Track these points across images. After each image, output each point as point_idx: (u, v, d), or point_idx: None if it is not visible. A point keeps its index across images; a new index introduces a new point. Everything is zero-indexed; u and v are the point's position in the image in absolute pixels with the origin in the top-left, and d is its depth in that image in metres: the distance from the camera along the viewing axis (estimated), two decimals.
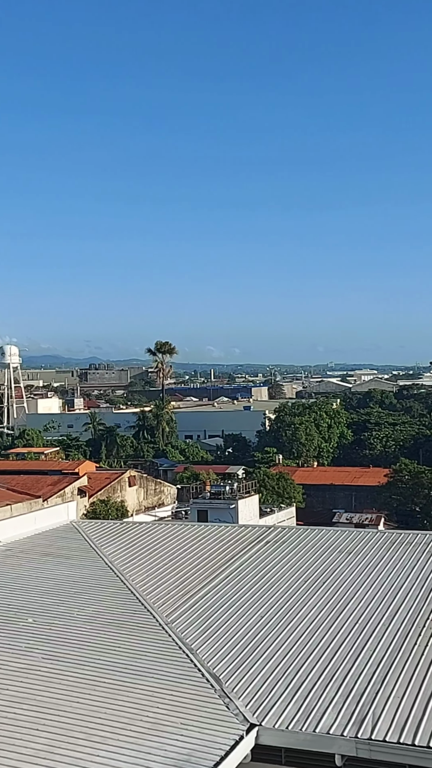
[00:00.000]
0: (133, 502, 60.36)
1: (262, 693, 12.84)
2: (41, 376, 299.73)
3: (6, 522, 24.22)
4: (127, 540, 22.38)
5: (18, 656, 13.66)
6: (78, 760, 10.39)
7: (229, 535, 22.70)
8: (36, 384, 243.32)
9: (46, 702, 11.98)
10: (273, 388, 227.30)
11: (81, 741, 10.86)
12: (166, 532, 23.41)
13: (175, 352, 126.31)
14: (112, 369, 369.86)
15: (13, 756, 10.35)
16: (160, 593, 17.68)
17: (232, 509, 49.76)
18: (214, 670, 13.64)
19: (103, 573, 19.11)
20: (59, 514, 25.02)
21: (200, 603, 17.12)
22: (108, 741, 10.91)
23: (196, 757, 10.64)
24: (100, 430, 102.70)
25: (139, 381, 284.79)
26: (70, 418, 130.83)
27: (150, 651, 14.36)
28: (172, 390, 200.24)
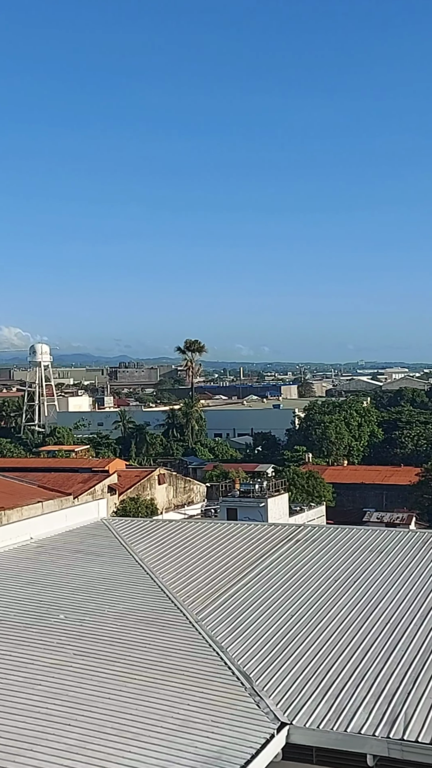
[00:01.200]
0: (162, 499, 60.55)
1: (292, 692, 12.80)
2: (72, 374, 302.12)
3: (38, 519, 24.45)
4: (157, 538, 22.45)
5: (50, 652, 13.77)
6: (110, 756, 10.44)
7: (259, 534, 22.67)
8: (66, 382, 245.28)
9: (78, 698, 12.06)
10: (302, 387, 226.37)
11: (112, 737, 10.91)
12: (196, 530, 23.44)
13: (204, 350, 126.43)
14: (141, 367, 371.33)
15: (46, 751, 10.43)
16: (189, 591, 17.71)
17: (261, 508, 49.66)
18: (244, 668, 13.63)
19: (133, 570, 19.20)
20: (90, 512, 25.20)
21: (230, 601, 17.11)
22: (139, 737, 10.95)
23: (226, 754, 10.63)
24: (129, 428, 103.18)
25: (169, 379, 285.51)
26: (100, 416, 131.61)
27: (180, 648, 14.39)
28: (202, 388, 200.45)
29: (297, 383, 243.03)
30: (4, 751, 10.32)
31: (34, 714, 11.43)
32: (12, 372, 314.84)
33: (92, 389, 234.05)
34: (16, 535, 21.69)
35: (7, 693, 12.06)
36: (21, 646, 14.00)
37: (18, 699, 11.88)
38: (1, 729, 10.89)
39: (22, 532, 22.00)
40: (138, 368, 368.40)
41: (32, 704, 11.73)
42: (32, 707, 11.63)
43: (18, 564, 19.63)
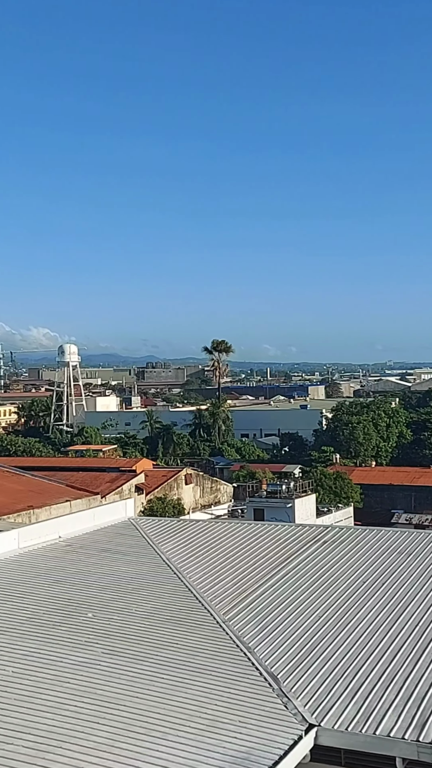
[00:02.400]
0: (189, 499, 60.63)
1: (320, 693, 12.74)
2: (99, 374, 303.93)
3: (66, 518, 24.63)
4: (184, 537, 22.48)
5: (78, 650, 13.86)
6: (138, 754, 10.48)
7: (286, 534, 22.60)
8: (94, 382, 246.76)
9: (107, 696, 12.12)
10: (330, 387, 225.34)
11: (141, 736, 10.95)
12: (223, 530, 23.44)
13: (231, 350, 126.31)
14: (168, 367, 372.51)
15: (75, 749, 10.50)
16: (217, 591, 17.71)
17: (288, 508, 49.50)
18: (271, 669, 13.59)
19: (160, 570, 19.25)
20: (117, 511, 25.31)
21: (257, 602, 17.08)
22: (167, 736, 10.98)
23: (254, 755, 10.62)
24: (156, 428, 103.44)
25: (196, 379, 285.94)
26: (127, 416, 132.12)
27: (207, 648, 14.39)
28: (229, 388, 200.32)
29: (324, 383, 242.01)
30: (35, 748, 10.41)
31: (63, 711, 11.51)
32: (41, 372, 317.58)
33: (120, 389, 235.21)
34: (45, 533, 21.87)
35: (37, 690, 12.15)
36: (50, 643, 14.10)
37: (47, 696, 11.97)
38: (31, 726, 10.99)
39: (51, 531, 22.16)
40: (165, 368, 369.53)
41: (61, 702, 11.81)
42: (61, 704, 11.72)
43: (47, 562, 19.79)
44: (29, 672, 12.81)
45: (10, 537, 20.80)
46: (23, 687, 12.22)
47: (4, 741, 10.51)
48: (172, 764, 10.32)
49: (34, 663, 13.19)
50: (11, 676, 12.61)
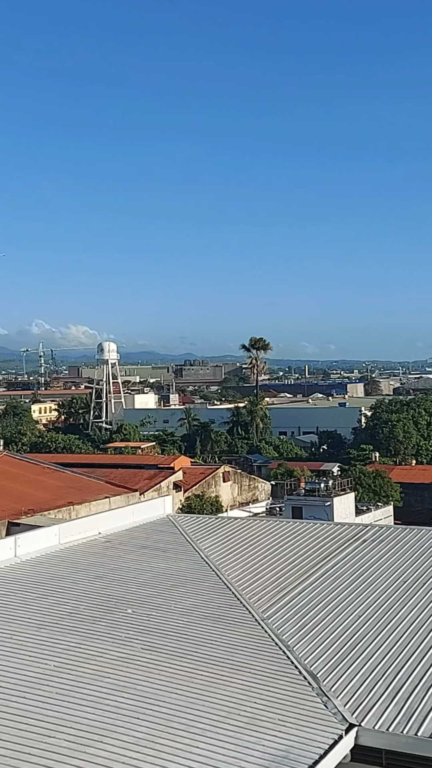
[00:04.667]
0: (227, 497, 60.64)
1: (361, 693, 12.62)
2: (138, 371, 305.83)
3: (105, 514, 24.82)
4: (223, 535, 22.49)
5: (118, 646, 13.94)
6: (178, 750, 10.49)
7: (325, 533, 22.47)
8: (133, 380, 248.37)
9: (146, 692, 12.17)
10: (369, 385, 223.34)
11: (180, 732, 10.97)
12: (261, 528, 23.39)
13: (269, 348, 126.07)
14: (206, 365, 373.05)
15: (115, 743, 10.56)
16: (255, 589, 17.68)
17: (327, 507, 49.20)
18: (311, 668, 13.51)
19: (199, 567, 19.28)
20: (156, 508, 25.43)
21: (296, 600, 17.01)
22: (207, 733, 10.98)
23: (294, 754, 10.56)
24: (194, 425, 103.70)
25: (233, 377, 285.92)
26: (165, 413, 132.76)
27: (246, 646, 14.37)
28: (266, 386, 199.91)
29: (363, 381, 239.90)
30: (76, 742, 10.49)
31: (103, 706, 11.58)
32: (80, 369, 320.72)
33: (158, 387, 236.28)
34: (85, 529, 22.07)
35: (77, 684, 12.26)
36: (90, 638, 14.22)
37: (88, 691, 12.07)
38: (71, 720, 11.08)
39: (91, 527, 22.36)
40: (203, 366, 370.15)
41: (101, 696, 11.90)
42: (101, 699, 11.80)
43: (87, 558, 19.96)
44: (70, 666, 12.92)
45: (51, 533, 21.03)
46: (64, 681, 12.34)
47: (45, 735, 10.62)
48: (211, 761, 10.32)
49: (74, 657, 13.30)
50: (52, 670, 12.74)
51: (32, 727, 10.79)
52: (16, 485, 45.26)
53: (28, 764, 9.91)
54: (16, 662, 12.96)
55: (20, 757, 10.03)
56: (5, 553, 19.07)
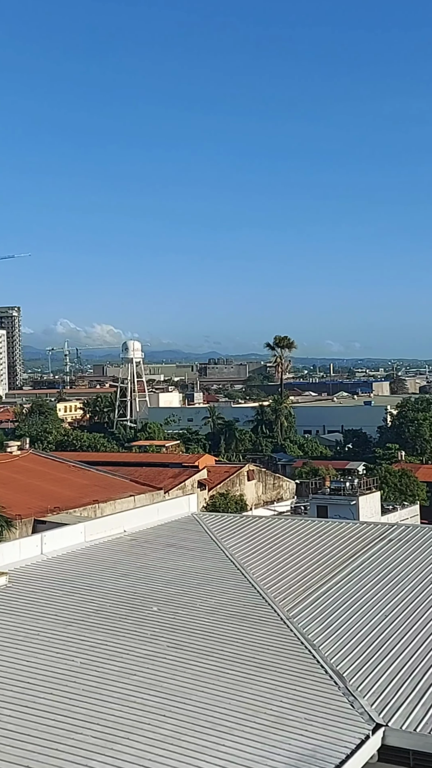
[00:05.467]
0: (251, 496, 60.55)
1: (387, 693, 12.55)
2: (162, 370, 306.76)
3: (130, 512, 24.93)
4: (247, 533, 22.47)
5: (144, 643, 13.99)
6: (204, 748, 10.51)
7: (350, 532, 22.36)
8: (157, 378, 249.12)
9: (172, 689, 12.20)
10: (395, 383, 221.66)
11: (206, 730, 10.99)
12: (286, 527, 23.33)
13: (293, 346, 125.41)
14: (230, 364, 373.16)
15: (142, 740, 10.60)
16: (281, 587, 17.64)
17: (352, 506, 48.88)
18: (337, 667, 13.46)
19: (224, 565, 19.28)
20: (180, 506, 25.48)
21: (322, 599, 16.95)
22: (233, 731, 10.99)
23: (321, 753, 10.53)
24: (219, 424, 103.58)
25: (258, 375, 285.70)
26: (189, 412, 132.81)
27: (272, 645, 14.35)
28: (291, 385, 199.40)
29: (389, 380, 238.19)
30: (103, 738, 10.55)
31: (130, 703, 11.63)
32: (105, 368, 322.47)
33: (182, 385, 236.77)
34: (110, 527, 22.17)
35: (104, 681, 12.32)
36: (117, 636, 14.28)
37: (114, 687, 12.13)
38: (99, 716, 11.14)
39: (116, 525, 22.46)
40: (227, 365, 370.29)
41: (128, 693, 11.95)
42: (128, 696, 11.85)
43: (112, 556, 20.05)
44: (97, 663, 13.00)
45: (77, 530, 21.16)
46: (91, 678, 12.41)
47: (73, 731, 10.69)
48: (237, 759, 10.33)
49: (101, 654, 13.37)
50: (79, 666, 12.82)
51: (61, 723, 10.87)
52: (42, 483, 45.60)
53: (57, 759, 9.99)
54: (45, 658, 13.06)
55: (49, 753, 10.11)
56: (32, 551, 19.23)
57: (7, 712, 11.12)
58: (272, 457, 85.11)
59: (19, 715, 11.05)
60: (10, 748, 10.18)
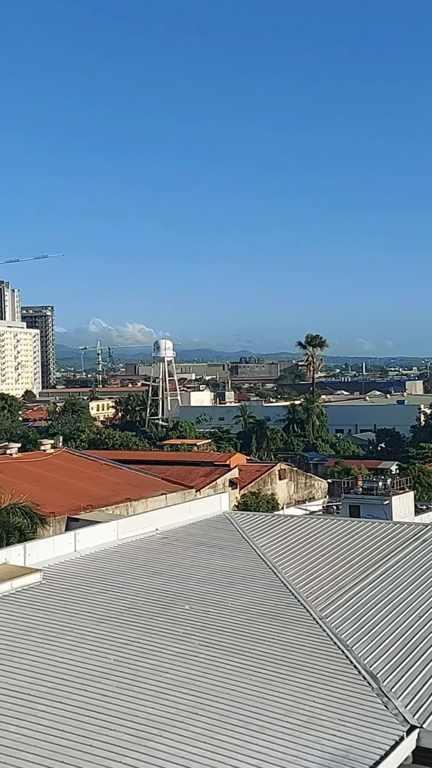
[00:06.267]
0: (283, 495, 60.42)
1: (422, 694, 12.42)
2: (194, 369, 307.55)
3: (162, 511, 25.02)
4: (279, 532, 22.41)
5: (176, 641, 14.04)
6: (237, 747, 10.51)
7: (384, 532, 22.18)
8: (189, 377, 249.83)
9: (204, 688, 12.22)
10: (429, 382, 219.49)
11: (239, 728, 10.98)
12: (318, 526, 23.22)
13: (325, 345, 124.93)
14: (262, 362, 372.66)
15: (174, 738, 10.64)
16: (313, 587, 17.57)
17: (385, 505, 48.51)
18: (370, 668, 13.36)
19: (255, 564, 19.26)
20: (212, 505, 25.51)
21: (355, 599, 16.84)
22: (265, 731, 10.97)
23: (354, 754, 10.46)
24: (250, 423, 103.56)
25: (289, 374, 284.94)
26: (221, 410, 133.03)
27: (304, 644, 14.30)
28: (323, 383, 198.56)
29: (423, 378, 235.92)
30: (136, 735, 10.60)
31: (162, 701, 11.68)
32: (137, 367, 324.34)
33: (213, 384, 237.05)
34: (142, 525, 22.28)
35: (137, 679, 12.38)
36: (149, 633, 14.35)
37: (147, 685, 12.18)
38: (131, 713, 11.20)
39: (148, 523, 22.56)
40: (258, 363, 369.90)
41: (160, 691, 11.99)
42: (160, 694, 11.90)
43: (144, 554, 20.15)
44: (129, 660, 13.07)
45: (110, 528, 21.30)
46: (124, 675, 12.48)
47: (106, 727, 10.77)
48: (270, 758, 10.31)
49: (133, 652, 13.44)
50: (112, 664, 12.90)
51: (94, 720, 10.95)
52: (75, 481, 45.99)
53: (91, 756, 10.07)
54: (79, 655, 13.17)
55: (83, 748, 10.20)
56: (65, 548, 19.40)
57: (42, 707, 11.23)
58: (304, 456, 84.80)
59: (53, 710, 11.16)
60: (46, 743, 10.29)
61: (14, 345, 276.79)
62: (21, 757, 9.94)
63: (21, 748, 10.12)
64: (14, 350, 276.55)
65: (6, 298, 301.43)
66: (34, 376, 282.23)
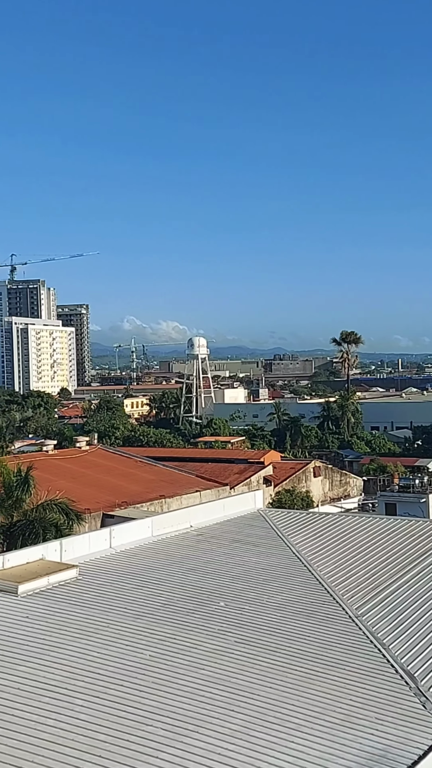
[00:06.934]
0: (318, 492, 60.09)
1: None
2: (227, 366, 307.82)
3: (197, 508, 25.07)
4: (314, 530, 22.31)
5: (211, 638, 14.05)
6: (273, 744, 10.49)
7: (421, 530, 21.95)
8: (222, 374, 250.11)
9: (240, 685, 12.22)
10: None
11: (275, 726, 10.96)
12: (354, 524, 23.07)
13: (360, 341, 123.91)
14: (296, 359, 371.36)
15: (210, 734, 10.65)
16: (348, 585, 17.45)
17: (422, 503, 48.02)
18: (408, 667, 13.23)
19: (290, 562, 19.20)
20: (246, 502, 25.49)
21: (391, 597, 16.69)
22: (302, 728, 10.93)
23: (391, 754, 10.37)
24: (284, 420, 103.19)
25: (324, 371, 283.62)
26: (255, 407, 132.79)
27: (340, 642, 14.22)
28: (358, 380, 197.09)
29: None
30: (172, 731, 10.64)
31: (198, 697, 11.70)
32: (171, 364, 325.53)
33: (247, 381, 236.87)
34: (176, 522, 22.35)
35: (173, 675, 12.43)
36: (184, 630, 14.39)
37: (183, 681, 12.22)
38: (168, 709, 11.25)
39: (183, 520, 22.63)
40: (292, 360, 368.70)
41: (196, 688, 12.02)
42: (196, 690, 11.92)
43: (179, 550, 20.21)
44: (165, 657, 13.12)
45: (145, 525, 21.40)
46: (160, 671, 12.54)
47: (143, 722, 10.82)
48: (307, 756, 10.27)
49: (170, 648, 13.49)
50: (148, 660, 12.96)
51: (131, 715, 11.02)
52: (110, 478, 46.28)
53: (127, 750, 10.12)
54: (115, 650, 13.26)
55: (120, 743, 10.26)
56: (101, 544, 19.54)
57: (79, 702, 11.33)
58: (339, 454, 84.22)
59: (90, 705, 11.25)
60: (84, 737, 10.38)
61: (50, 343, 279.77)
62: (60, 750, 10.04)
63: (59, 742, 10.22)
64: (50, 348, 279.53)
65: (42, 296, 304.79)
66: (69, 373, 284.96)
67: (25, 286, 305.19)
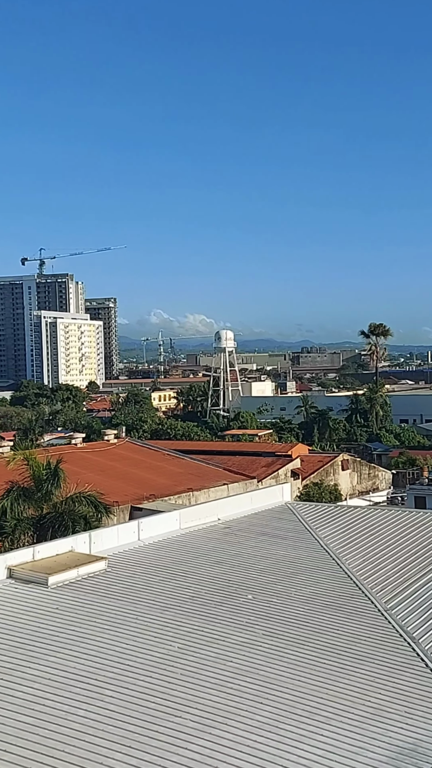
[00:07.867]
0: (346, 485, 59.82)
1: None
2: (255, 359, 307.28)
3: (224, 501, 25.08)
4: (342, 523, 22.21)
5: (240, 630, 14.07)
6: (302, 737, 10.47)
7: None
8: (250, 367, 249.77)
9: (268, 677, 12.22)
10: None
11: (304, 719, 10.95)
12: (382, 518, 22.93)
13: (389, 334, 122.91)
14: (323, 352, 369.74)
15: (239, 726, 10.67)
16: (377, 579, 17.35)
17: None
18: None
19: (318, 555, 19.14)
20: (274, 495, 25.45)
21: (421, 591, 16.57)
22: (331, 722, 10.90)
23: (422, 748, 10.31)
24: (312, 413, 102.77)
25: (352, 364, 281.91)
26: (282, 401, 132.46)
27: (369, 636, 14.15)
28: (386, 373, 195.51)
29: None
30: (201, 723, 10.68)
31: (226, 689, 11.73)
32: (198, 357, 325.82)
33: (275, 374, 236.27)
34: (204, 515, 22.39)
35: (201, 667, 12.46)
36: (212, 622, 14.42)
37: (211, 673, 12.25)
38: (196, 701, 11.29)
39: (210, 513, 22.66)
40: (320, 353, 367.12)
41: (224, 679, 12.04)
42: (225, 682, 11.95)
43: (207, 543, 20.24)
44: (193, 648, 13.16)
45: (173, 518, 21.47)
46: (188, 663, 12.58)
47: (172, 714, 10.87)
48: (337, 749, 10.24)
49: (197, 640, 13.53)
50: (177, 651, 13.01)
51: (160, 706, 11.08)
52: (138, 471, 46.49)
53: (156, 741, 10.18)
54: (144, 642, 13.34)
55: (150, 734, 10.32)
56: (129, 537, 19.65)
57: (108, 692, 11.42)
58: (367, 447, 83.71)
59: (119, 696, 11.33)
60: (113, 728, 10.46)
61: (78, 336, 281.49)
62: (89, 740, 10.12)
63: (89, 732, 10.31)
64: (78, 342, 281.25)
65: (70, 290, 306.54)
66: (97, 367, 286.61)
67: (53, 280, 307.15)
